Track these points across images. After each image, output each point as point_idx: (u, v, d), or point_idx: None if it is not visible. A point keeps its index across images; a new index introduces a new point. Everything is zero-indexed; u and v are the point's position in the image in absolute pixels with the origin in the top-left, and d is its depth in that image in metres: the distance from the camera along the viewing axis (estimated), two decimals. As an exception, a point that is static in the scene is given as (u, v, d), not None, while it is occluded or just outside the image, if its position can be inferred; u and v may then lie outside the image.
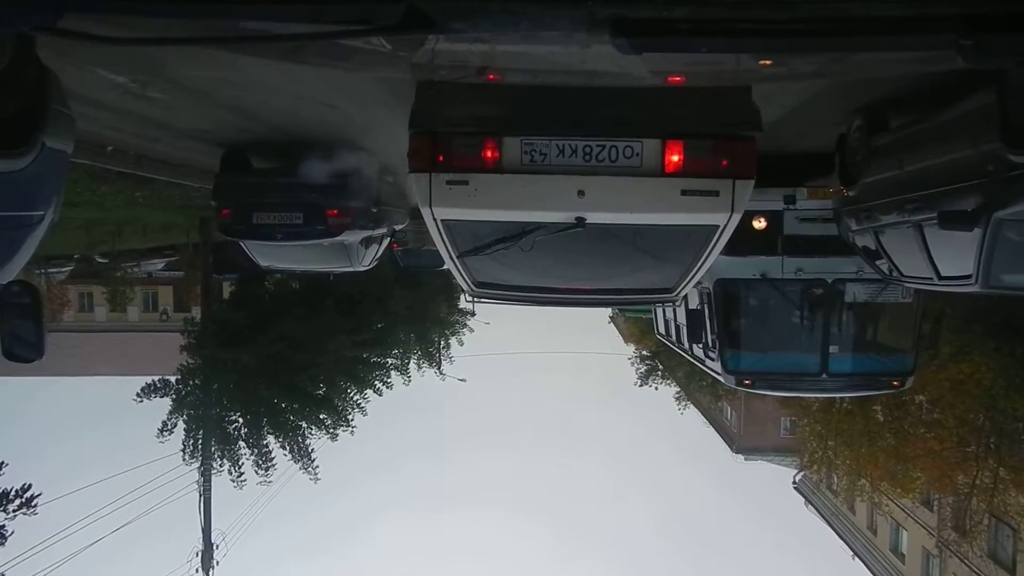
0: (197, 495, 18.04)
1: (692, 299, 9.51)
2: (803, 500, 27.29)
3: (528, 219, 4.83)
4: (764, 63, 2.66)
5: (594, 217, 4.70)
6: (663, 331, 15.34)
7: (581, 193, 4.64)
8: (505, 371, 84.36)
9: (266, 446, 18.95)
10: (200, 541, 17.90)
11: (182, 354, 19.04)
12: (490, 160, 4.69)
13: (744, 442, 31.71)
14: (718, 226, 4.90)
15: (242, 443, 18.86)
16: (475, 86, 3.93)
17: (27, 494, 13.53)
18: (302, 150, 9.17)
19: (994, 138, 4.52)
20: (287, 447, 19.18)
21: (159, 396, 18.58)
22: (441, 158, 4.68)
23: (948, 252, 5.53)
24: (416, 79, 4.22)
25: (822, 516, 25.97)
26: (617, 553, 69.76)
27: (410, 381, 25.40)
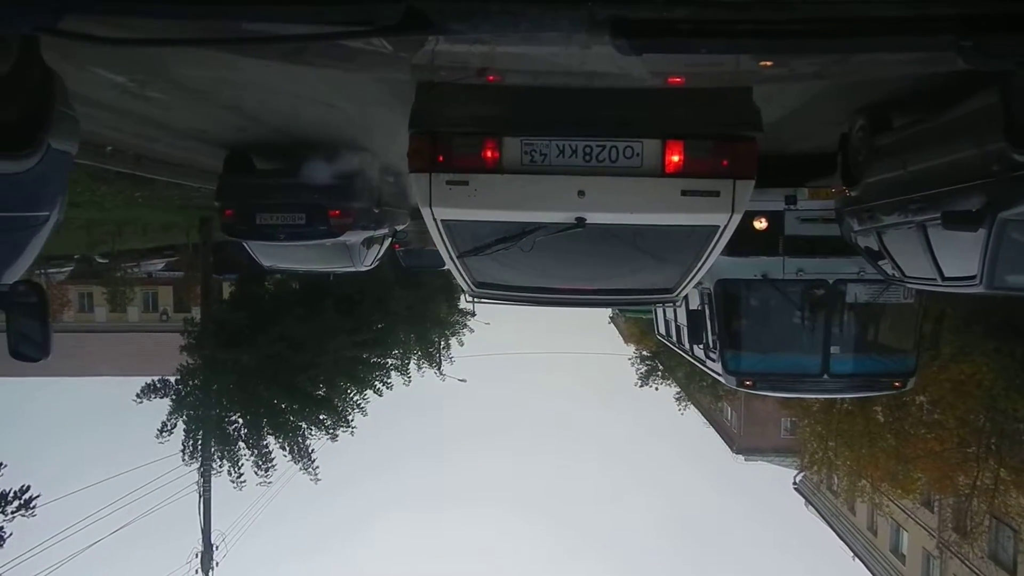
0: (197, 496, 17.98)
1: (693, 300, 9.50)
2: (803, 501, 27.25)
3: (528, 219, 4.82)
4: (764, 64, 2.66)
5: (594, 217, 4.69)
6: (663, 331, 15.33)
7: (581, 193, 4.63)
8: (505, 371, 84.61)
9: (266, 446, 18.89)
10: (200, 542, 17.84)
11: (182, 354, 18.98)
12: (490, 160, 4.68)
13: (744, 443, 31.68)
14: (718, 226, 4.89)
15: (242, 443, 18.79)
16: (475, 86, 3.91)
17: (26, 495, 13.42)
18: (305, 151, 9.22)
19: (998, 138, 4.49)
20: (287, 447, 19.12)
21: (159, 396, 18.52)
22: (441, 158, 4.67)
23: (952, 253, 5.48)
24: (416, 80, 4.21)
25: (822, 517, 25.92)
26: (617, 554, 69.81)
27: (410, 381, 25.41)
